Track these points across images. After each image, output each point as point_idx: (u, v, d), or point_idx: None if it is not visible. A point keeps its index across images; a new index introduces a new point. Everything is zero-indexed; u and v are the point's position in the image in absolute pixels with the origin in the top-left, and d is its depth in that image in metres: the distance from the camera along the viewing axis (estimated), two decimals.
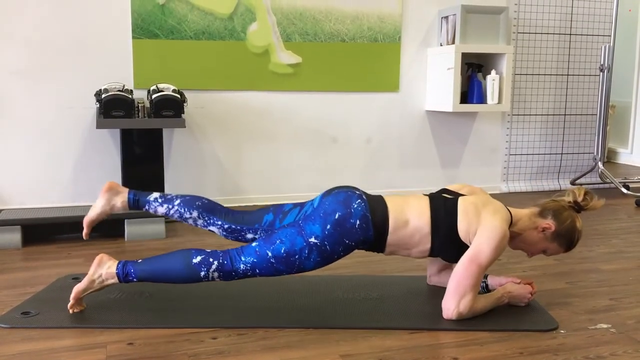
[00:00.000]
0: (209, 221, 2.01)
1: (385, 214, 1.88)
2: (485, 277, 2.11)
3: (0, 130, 3.35)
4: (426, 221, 1.88)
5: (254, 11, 3.66)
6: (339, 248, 1.84)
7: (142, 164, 3.23)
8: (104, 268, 1.87)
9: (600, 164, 4.31)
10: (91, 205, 2.22)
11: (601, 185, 4.46)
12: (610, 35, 4.29)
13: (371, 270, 2.46)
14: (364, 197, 1.90)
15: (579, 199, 1.98)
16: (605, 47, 4.18)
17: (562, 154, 4.49)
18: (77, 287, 1.88)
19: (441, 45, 4.01)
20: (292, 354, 1.65)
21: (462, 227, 1.88)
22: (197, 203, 2.03)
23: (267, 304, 2.02)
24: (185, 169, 3.68)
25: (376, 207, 1.88)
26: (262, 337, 1.76)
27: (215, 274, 1.83)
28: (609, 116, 5.41)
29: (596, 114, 4.40)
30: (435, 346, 1.71)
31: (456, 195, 1.97)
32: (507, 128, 4.33)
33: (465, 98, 3.99)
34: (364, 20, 3.88)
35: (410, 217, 1.89)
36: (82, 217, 2.86)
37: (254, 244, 1.86)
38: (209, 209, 2.02)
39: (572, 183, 4.40)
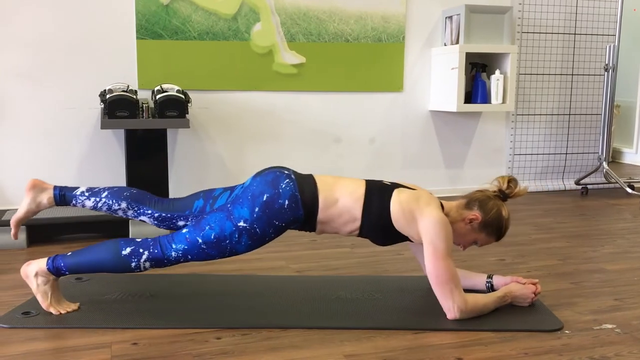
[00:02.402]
0: (138, 211, 1.99)
1: (314, 193, 1.88)
2: (490, 277, 2.11)
3: (5, 131, 3.36)
4: (358, 201, 1.89)
5: (257, 11, 3.66)
6: (269, 230, 1.85)
7: (146, 164, 3.23)
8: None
9: (605, 164, 4.29)
10: None
11: (606, 185, 4.44)
12: (615, 35, 4.27)
13: (374, 270, 2.46)
14: (292, 176, 1.90)
15: (504, 187, 1.99)
16: (610, 47, 4.17)
17: (566, 153, 4.47)
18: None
19: (445, 45, 4.00)
20: (296, 354, 1.65)
21: (395, 211, 1.88)
22: (125, 194, 2.00)
23: (270, 304, 2.02)
24: (189, 169, 3.69)
25: (305, 186, 1.89)
26: (266, 338, 1.76)
27: (147, 264, 1.84)
28: (614, 116, 5.39)
29: (601, 114, 4.38)
30: (439, 346, 1.71)
31: (397, 184, 1.98)
32: (512, 128, 4.32)
33: (469, 98, 3.98)
34: (367, 20, 3.87)
35: (340, 196, 1.90)
36: (88, 217, 2.91)
37: (184, 230, 1.86)
38: (138, 198, 2.00)
39: (577, 183, 4.39)
